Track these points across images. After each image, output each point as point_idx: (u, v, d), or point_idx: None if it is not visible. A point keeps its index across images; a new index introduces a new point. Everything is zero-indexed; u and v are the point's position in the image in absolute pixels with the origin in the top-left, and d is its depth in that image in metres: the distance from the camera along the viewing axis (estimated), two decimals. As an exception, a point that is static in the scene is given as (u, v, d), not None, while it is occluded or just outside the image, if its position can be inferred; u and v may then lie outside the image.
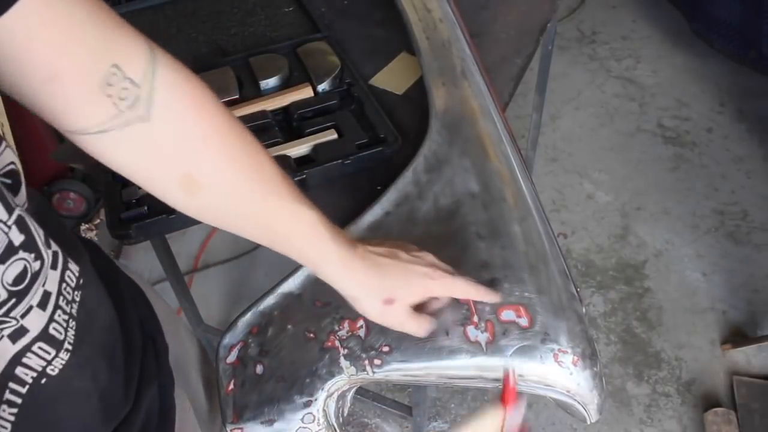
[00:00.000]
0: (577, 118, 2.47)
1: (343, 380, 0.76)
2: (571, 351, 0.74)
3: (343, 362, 0.76)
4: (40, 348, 0.47)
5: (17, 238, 0.42)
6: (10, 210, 0.41)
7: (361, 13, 1.28)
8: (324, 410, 0.77)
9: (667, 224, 2.10)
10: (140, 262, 2.07)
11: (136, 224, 0.90)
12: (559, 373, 0.74)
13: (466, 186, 0.86)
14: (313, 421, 0.77)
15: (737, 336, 1.81)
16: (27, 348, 0.46)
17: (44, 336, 0.47)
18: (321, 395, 0.76)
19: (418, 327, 0.68)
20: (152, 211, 0.91)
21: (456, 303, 0.76)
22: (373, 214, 0.86)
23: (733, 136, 2.35)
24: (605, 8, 2.92)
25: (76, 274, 0.51)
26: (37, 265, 0.44)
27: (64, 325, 0.49)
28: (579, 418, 0.79)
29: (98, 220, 2.13)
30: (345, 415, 0.82)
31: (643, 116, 2.45)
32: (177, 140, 0.51)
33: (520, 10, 1.27)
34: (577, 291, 0.79)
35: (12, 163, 0.45)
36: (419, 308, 0.70)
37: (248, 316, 0.83)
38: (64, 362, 0.49)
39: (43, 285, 0.46)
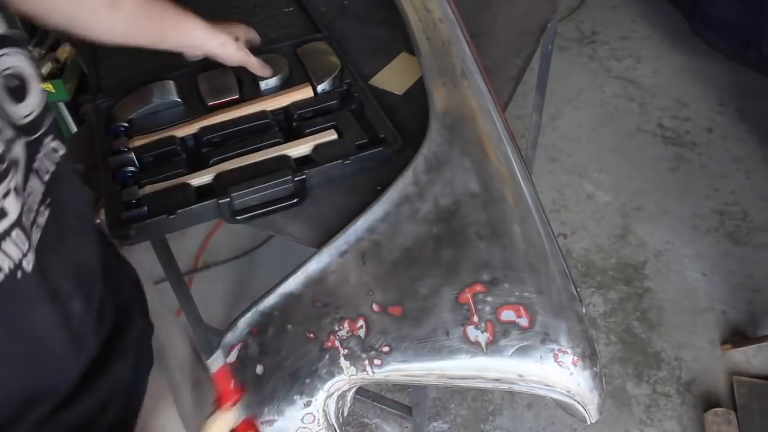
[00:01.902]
0: (577, 118, 2.47)
1: (343, 380, 0.77)
2: (571, 351, 0.74)
3: (343, 362, 0.77)
4: (17, 236, 0.49)
5: None
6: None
7: (361, 13, 1.28)
8: (324, 410, 0.77)
9: (667, 224, 2.10)
10: (140, 262, 2.07)
11: (136, 224, 0.90)
12: (559, 373, 0.74)
13: (466, 186, 0.86)
14: (313, 421, 0.77)
15: (737, 336, 1.81)
16: (7, 233, 0.48)
17: (20, 224, 0.49)
18: (321, 395, 0.76)
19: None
20: (152, 211, 0.91)
21: (456, 303, 0.76)
22: (373, 214, 0.86)
23: (733, 136, 2.35)
24: (605, 8, 2.92)
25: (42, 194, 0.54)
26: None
27: (29, 227, 0.51)
28: (579, 418, 0.79)
29: (98, 220, 2.13)
30: (345, 415, 0.82)
31: (643, 116, 2.45)
32: None
33: (520, 10, 1.27)
34: (577, 291, 0.79)
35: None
36: None
37: (248, 316, 0.83)
38: (32, 263, 0.51)
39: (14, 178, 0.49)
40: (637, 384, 1.74)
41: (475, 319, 0.75)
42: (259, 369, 0.78)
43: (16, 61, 0.50)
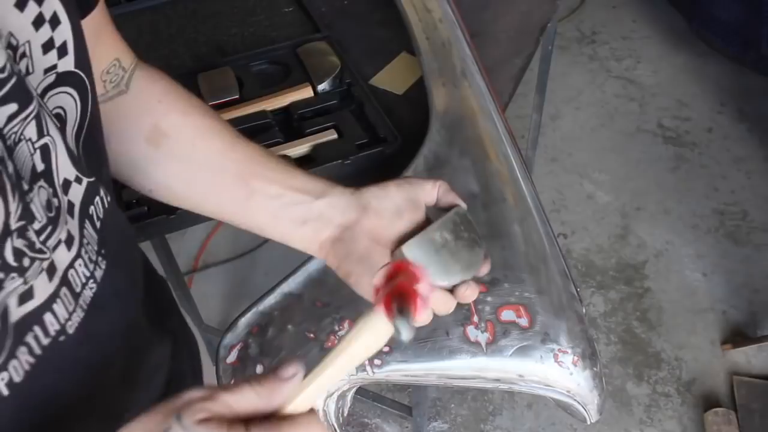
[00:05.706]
0: (577, 118, 2.47)
1: (343, 380, 0.76)
2: (571, 351, 0.74)
3: (343, 362, 0.76)
4: (65, 295, 0.46)
5: (39, 164, 0.43)
6: (41, 134, 0.43)
7: (361, 13, 1.28)
8: (324, 410, 0.77)
9: (667, 224, 2.10)
10: (140, 262, 2.07)
11: (136, 224, 0.90)
12: (559, 373, 0.74)
13: (466, 186, 0.86)
14: (313, 421, 0.76)
15: (737, 336, 1.81)
16: (56, 294, 0.45)
17: (66, 282, 0.46)
18: (321, 395, 0.76)
19: None
20: (152, 211, 0.91)
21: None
22: (373, 214, 0.86)
23: (734, 136, 2.35)
24: (605, 8, 2.92)
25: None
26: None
27: (80, 285, 0.48)
28: (579, 418, 0.79)
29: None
30: (345, 415, 0.82)
31: (643, 116, 2.45)
32: (145, 98, 0.61)
33: (520, 10, 1.27)
34: (577, 291, 0.79)
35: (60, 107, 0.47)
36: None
37: (248, 316, 0.83)
38: (76, 324, 0.47)
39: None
40: (637, 384, 1.74)
41: (475, 319, 0.75)
42: (259, 369, 0.78)
43: (62, 101, 0.47)
